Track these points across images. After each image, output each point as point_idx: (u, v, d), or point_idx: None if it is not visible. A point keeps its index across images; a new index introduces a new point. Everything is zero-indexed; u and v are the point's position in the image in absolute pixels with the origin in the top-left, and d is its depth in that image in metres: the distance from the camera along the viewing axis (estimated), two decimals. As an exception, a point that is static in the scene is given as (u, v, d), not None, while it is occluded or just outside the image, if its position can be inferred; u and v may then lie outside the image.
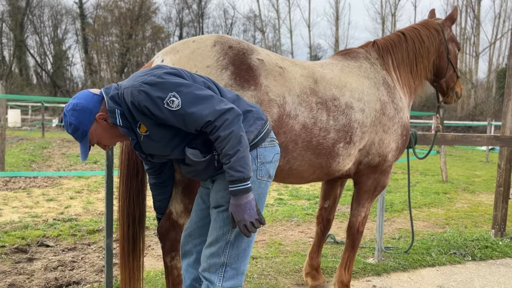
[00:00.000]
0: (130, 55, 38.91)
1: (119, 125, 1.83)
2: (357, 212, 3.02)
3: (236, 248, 1.93)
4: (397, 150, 2.92)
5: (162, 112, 1.74)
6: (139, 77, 1.79)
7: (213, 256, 1.93)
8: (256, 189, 1.93)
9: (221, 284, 1.91)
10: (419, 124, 20.61)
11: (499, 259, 4.34)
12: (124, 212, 2.45)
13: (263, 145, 1.96)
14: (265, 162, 1.96)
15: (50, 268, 3.68)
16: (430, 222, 5.87)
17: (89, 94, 1.84)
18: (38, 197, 6.50)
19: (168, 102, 1.73)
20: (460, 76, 3.53)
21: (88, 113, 1.80)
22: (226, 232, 1.91)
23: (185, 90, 1.76)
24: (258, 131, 1.92)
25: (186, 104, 1.74)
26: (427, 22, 3.35)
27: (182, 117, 1.75)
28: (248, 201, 1.79)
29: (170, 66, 1.88)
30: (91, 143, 1.89)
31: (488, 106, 27.91)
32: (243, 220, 1.80)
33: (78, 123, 1.80)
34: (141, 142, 1.90)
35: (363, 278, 3.70)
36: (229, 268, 1.93)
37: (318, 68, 2.66)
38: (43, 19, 39.59)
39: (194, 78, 1.89)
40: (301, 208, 6.32)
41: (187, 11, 42.48)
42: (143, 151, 1.97)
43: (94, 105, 1.82)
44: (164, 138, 1.86)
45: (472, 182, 9.52)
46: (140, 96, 1.73)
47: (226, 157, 1.76)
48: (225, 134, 1.74)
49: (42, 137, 17.22)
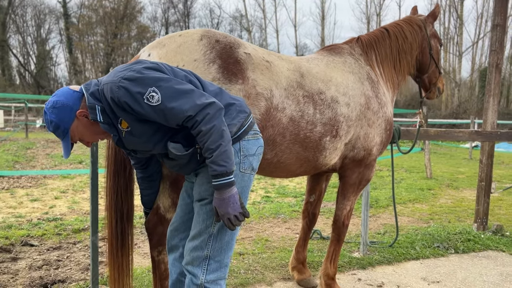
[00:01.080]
0: (116, 54, 38.55)
1: (100, 122, 1.81)
2: (343, 206, 3.06)
3: (219, 241, 1.93)
4: (381, 144, 2.96)
5: (143, 107, 1.73)
6: (119, 72, 1.77)
7: (196, 249, 1.93)
8: (239, 182, 1.94)
9: (204, 277, 1.92)
10: (404, 123, 20.83)
11: (481, 251, 4.43)
12: (112, 208, 2.43)
13: (246, 138, 1.96)
14: (248, 155, 1.97)
15: (35, 267, 3.64)
16: (414, 218, 5.96)
17: (69, 91, 1.83)
18: (22, 197, 6.41)
19: (148, 97, 1.71)
20: (442, 72, 3.60)
21: (69, 110, 1.79)
22: (209, 225, 1.92)
23: (164, 85, 1.74)
24: (241, 124, 1.93)
25: (166, 99, 1.72)
26: (410, 18, 3.40)
27: (162, 112, 1.74)
28: (232, 195, 1.79)
29: (149, 61, 1.86)
30: (73, 140, 1.88)
31: (471, 105, 28.41)
32: (227, 214, 1.80)
33: (59, 121, 1.79)
34: (123, 138, 1.89)
35: (349, 272, 3.74)
36: (212, 261, 1.93)
37: (304, 62, 2.69)
38: (26, 18, 39.00)
39: (175, 72, 1.88)
40: (287, 205, 6.35)
41: (172, 11, 42.32)
42: (125, 147, 1.96)
43: (74, 102, 1.80)
44: (146, 134, 1.85)
45: (456, 179, 9.68)
46: (120, 92, 1.72)
47: (208, 152, 1.75)
48: (207, 128, 1.73)
49: (26, 138, 16.97)
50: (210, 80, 2.16)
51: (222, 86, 2.18)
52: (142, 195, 2.40)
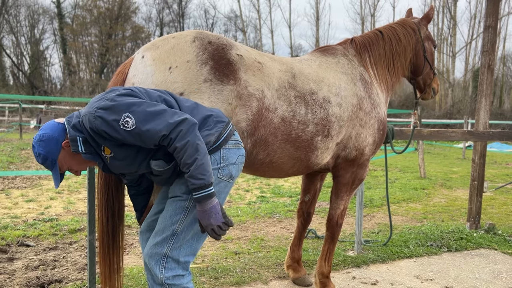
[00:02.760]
0: (110, 55, 38.43)
1: (81, 152, 1.89)
2: (336, 205, 3.10)
3: (181, 239, 1.97)
4: (374, 144, 3.00)
5: (119, 133, 1.80)
6: (95, 102, 1.85)
7: (156, 246, 1.98)
8: (214, 187, 1.97)
9: (163, 275, 1.96)
10: (398, 123, 20.96)
11: (473, 249, 4.49)
12: (103, 206, 2.44)
13: (227, 147, 2.02)
14: (228, 163, 2.03)
15: (31, 267, 3.66)
16: (408, 217, 6.02)
17: (54, 124, 1.92)
18: (17, 198, 6.40)
19: (123, 123, 1.78)
20: (436, 73, 3.64)
21: (55, 142, 1.87)
22: (174, 222, 1.96)
23: (137, 109, 1.81)
24: (219, 133, 1.99)
25: (140, 123, 1.79)
26: (404, 21, 3.44)
27: (138, 135, 1.80)
28: (213, 206, 1.85)
29: (122, 87, 1.95)
30: (62, 170, 1.96)
31: (465, 105, 28.61)
32: (209, 225, 1.85)
33: (46, 153, 1.87)
34: (108, 164, 1.96)
35: (343, 270, 3.79)
36: (171, 259, 1.97)
37: (296, 63, 2.73)
38: (19, 18, 38.79)
39: (149, 94, 1.95)
40: (283, 205, 6.39)
41: (167, 11, 42.26)
42: (112, 171, 2.04)
43: (59, 133, 1.89)
44: (128, 157, 1.93)
45: (450, 178, 9.77)
46: (96, 122, 1.80)
47: (186, 166, 1.81)
48: (181, 144, 1.79)
49: (20, 139, 16.88)
50: (202, 80, 2.20)
51: (214, 87, 2.22)
52: (136, 208, 2.43)
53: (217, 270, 3.63)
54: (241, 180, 8.62)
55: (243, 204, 6.54)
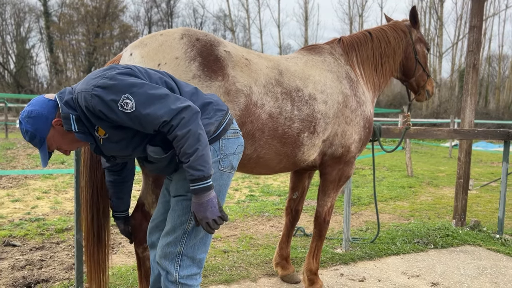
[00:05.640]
0: (97, 54, 38.03)
1: (74, 131, 1.78)
2: (324, 202, 3.12)
3: (193, 237, 1.94)
4: (360, 142, 3.03)
5: (117, 115, 1.70)
6: (92, 80, 1.73)
7: (169, 245, 1.94)
8: (217, 180, 1.95)
9: (178, 273, 1.93)
10: (386, 122, 21.12)
11: (459, 246, 4.56)
12: (88, 203, 2.42)
13: (226, 137, 1.97)
14: (228, 153, 1.98)
15: (18, 267, 3.62)
16: (395, 215, 6.09)
17: (44, 100, 1.79)
18: (2, 198, 6.32)
19: (122, 104, 1.68)
20: (430, 75, 3.67)
21: (44, 119, 1.76)
22: (184, 222, 1.92)
23: (138, 91, 1.71)
24: (219, 122, 1.93)
25: (140, 105, 1.70)
26: (395, 23, 3.48)
27: (137, 119, 1.71)
28: (210, 199, 1.78)
29: (123, 65, 1.83)
30: (50, 149, 1.85)
31: (451, 105, 28.95)
32: (205, 218, 1.79)
33: (35, 130, 1.75)
34: (100, 145, 1.87)
35: (331, 267, 3.82)
36: (185, 257, 1.93)
37: (283, 61, 2.76)
38: (5, 17, 38.12)
39: (149, 74, 1.86)
40: (272, 203, 6.41)
41: (155, 10, 41.93)
42: (103, 153, 1.94)
43: (49, 110, 1.77)
44: (124, 139, 1.84)
45: (436, 177, 9.89)
46: (93, 101, 1.69)
47: (185, 156, 1.73)
48: (183, 133, 1.71)
49: (6, 138, 16.64)
50: (191, 77, 2.20)
51: (203, 83, 2.21)
52: (113, 198, 2.35)
53: (206, 269, 3.63)
54: (230, 179, 8.61)
55: (232, 203, 6.55)
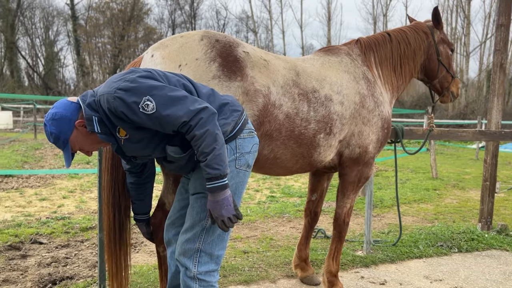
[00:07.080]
0: (123, 56, 38.76)
1: (97, 132, 1.87)
2: (343, 204, 3.10)
3: (211, 234, 1.99)
4: (377, 142, 3.00)
5: (139, 116, 1.78)
6: (114, 83, 1.82)
7: (188, 242, 1.99)
8: (234, 178, 2.00)
9: (196, 269, 1.98)
10: (411, 123, 20.77)
11: (484, 250, 4.45)
12: (110, 202, 2.47)
13: (242, 136, 2.03)
14: (244, 152, 2.04)
15: (44, 264, 3.72)
16: (419, 217, 5.98)
17: (67, 103, 1.89)
18: (30, 196, 6.52)
19: (143, 106, 1.77)
20: (455, 76, 3.59)
21: (67, 121, 1.85)
22: (202, 218, 1.97)
23: (158, 93, 1.79)
24: (235, 122, 1.99)
25: (160, 107, 1.78)
26: (416, 25, 3.42)
27: (158, 120, 1.79)
28: (225, 198, 1.84)
29: (143, 69, 1.91)
30: (73, 150, 1.94)
31: (479, 105, 28.21)
32: (220, 216, 1.85)
33: (59, 132, 1.84)
34: (122, 145, 1.95)
35: (352, 270, 3.78)
36: (204, 253, 1.99)
37: (300, 62, 2.77)
38: (34, 20, 39.34)
39: (168, 77, 1.93)
40: (292, 205, 6.40)
41: (179, 12, 42.45)
42: (124, 154, 2.03)
43: (72, 112, 1.86)
44: (144, 140, 1.91)
45: (462, 179, 9.65)
46: (115, 103, 1.77)
47: (203, 155, 1.80)
48: (200, 133, 1.79)
49: (35, 139, 17.15)
50: (211, 77, 2.24)
51: (223, 84, 2.26)
52: (134, 200, 2.41)
53: (226, 269, 3.65)
54: (251, 180, 8.64)
55: (253, 203, 6.56)
